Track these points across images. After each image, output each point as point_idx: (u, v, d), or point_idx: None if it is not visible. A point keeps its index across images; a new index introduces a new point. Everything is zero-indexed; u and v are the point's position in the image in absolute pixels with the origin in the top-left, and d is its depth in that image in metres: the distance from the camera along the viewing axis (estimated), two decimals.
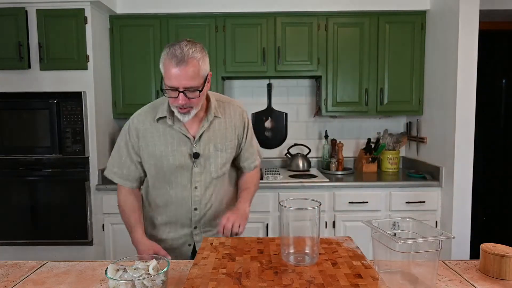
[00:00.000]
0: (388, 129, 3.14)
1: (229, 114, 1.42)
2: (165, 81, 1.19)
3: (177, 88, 1.18)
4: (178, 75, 1.16)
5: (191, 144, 1.34)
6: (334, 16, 2.81)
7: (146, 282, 0.81)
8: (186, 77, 1.16)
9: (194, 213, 1.40)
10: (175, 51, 1.16)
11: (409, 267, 0.86)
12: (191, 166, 1.36)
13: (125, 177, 1.42)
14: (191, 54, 1.16)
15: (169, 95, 1.20)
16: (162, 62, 1.20)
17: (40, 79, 2.54)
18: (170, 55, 1.16)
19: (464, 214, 2.44)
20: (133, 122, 1.38)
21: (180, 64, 1.15)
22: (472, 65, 2.36)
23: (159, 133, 1.34)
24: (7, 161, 2.54)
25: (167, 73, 1.17)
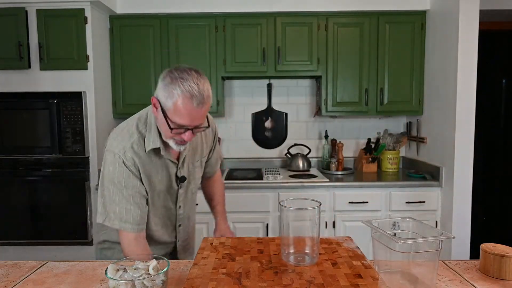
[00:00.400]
0: (388, 129, 3.14)
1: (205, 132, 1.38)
2: (173, 116, 1.06)
3: (187, 128, 1.09)
4: (194, 117, 1.06)
5: (176, 168, 1.29)
6: (334, 16, 2.81)
7: (146, 282, 0.81)
8: (201, 117, 1.09)
9: (178, 230, 1.40)
10: (192, 89, 1.03)
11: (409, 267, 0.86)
12: (176, 189, 1.33)
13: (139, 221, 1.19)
14: (207, 92, 1.07)
15: (174, 132, 1.09)
16: (174, 96, 1.04)
17: (40, 79, 2.54)
18: (186, 93, 1.03)
19: (464, 214, 2.44)
20: (126, 157, 1.17)
21: (200, 106, 1.05)
22: (472, 65, 2.36)
23: (150, 163, 1.22)
24: (7, 161, 2.54)
25: (181, 111, 1.04)
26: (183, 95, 1.03)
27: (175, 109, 1.05)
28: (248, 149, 3.25)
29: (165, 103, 1.07)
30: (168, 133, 1.12)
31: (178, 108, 1.05)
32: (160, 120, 1.12)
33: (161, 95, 1.08)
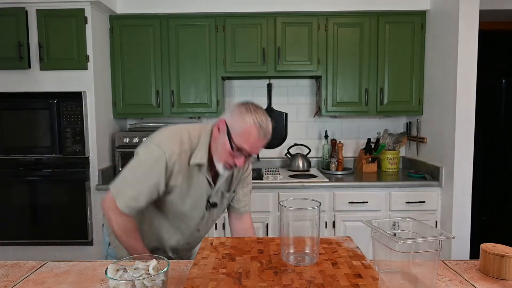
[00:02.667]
0: (388, 129, 3.14)
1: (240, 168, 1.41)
2: (239, 141, 1.17)
3: (246, 152, 1.19)
4: (256, 145, 1.19)
5: (210, 191, 1.32)
6: (334, 16, 2.81)
7: (146, 282, 0.81)
8: (259, 148, 1.21)
9: (185, 246, 1.42)
10: (262, 122, 1.17)
11: (409, 267, 0.86)
12: (203, 212, 1.34)
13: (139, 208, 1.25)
14: (270, 129, 1.21)
15: (233, 153, 1.19)
16: (246, 124, 1.16)
17: (40, 79, 2.54)
18: (257, 124, 1.16)
19: (464, 214, 2.44)
20: (171, 159, 1.20)
21: (264, 138, 1.19)
22: (472, 65, 2.36)
23: (189, 175, 1.26)
24: (7, 161, 2.54)
25: (250, 138, 1.16)
26: (254, 125, 1.16)
27: (243, 133, 1.17)
28: None
29: (234, 127, 1.18)
30: (225, 154, 1.20)
31: (246, 133, 1.17)
32: (222, 141, 1.21)
33: (232, 119, 1.20)
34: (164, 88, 2.85)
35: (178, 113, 2.88)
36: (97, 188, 2.58)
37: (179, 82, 2.85)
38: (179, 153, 1.22)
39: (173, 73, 2.84)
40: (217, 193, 1.35)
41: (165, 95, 2.85)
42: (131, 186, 1.21)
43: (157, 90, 2.85)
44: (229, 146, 1.17)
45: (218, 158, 1.23)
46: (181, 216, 1.33)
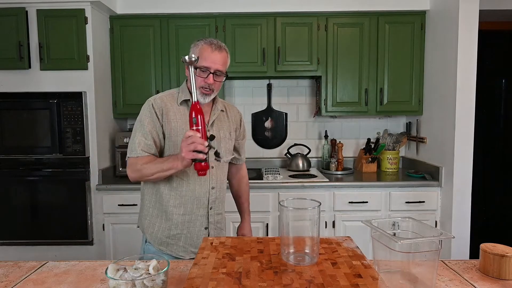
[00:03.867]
0: (388, 129, 3.14)
1: (229, 110, 1.62)
2: (200, 62, 1.37)
3: (208, 69, 1.38)
4: (214, 58, 1.39)
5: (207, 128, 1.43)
6: (334, 16, 2.81)
7: (146, 282, 0.81)
8: (219, 61, 1.40)
9: (211, 192, 1.49)
10: (212, 41, 1.42)
11: (409, 267, 0.86)
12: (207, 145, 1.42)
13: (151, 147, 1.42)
14: (224, 47, 1.46)
15: (199, 74, 1.38)
16: (198, 47, 1.41)
17: (40, 79, 2.54)
18: (207, 42, 1.41)
19: (464, 214, 2.44)
20: (155, 101, 1.44)
21: (217, 50, 1.40)
22: (472, 65, 2.36)
23: (180, 114, 1.45)
24: (8, 161, 2.54)
25: (204, 55, 1.38)
26: (204, 43, 1.42)
27: (200, 55, 1.37)
28: (248, 149, 3.24)
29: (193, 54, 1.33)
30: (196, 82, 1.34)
31: (200, 52, 1.39)
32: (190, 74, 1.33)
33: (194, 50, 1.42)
34: (164, 88, 2.85)
35: None
36: (97, 188, 2.58)
37: (179, 82, 2.85)
38: (162, 96, 1.47)
39: (173, 73, 2.84)
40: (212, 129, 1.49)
41: None
42: (136, 136, 1.42)
43: (157, 90, 2.85)
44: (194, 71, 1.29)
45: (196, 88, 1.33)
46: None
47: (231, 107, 1.66)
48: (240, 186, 1.79)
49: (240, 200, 1.79)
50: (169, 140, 1.45)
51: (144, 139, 1.41)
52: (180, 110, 1.46)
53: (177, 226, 1.46)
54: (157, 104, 1.44)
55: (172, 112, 1.45)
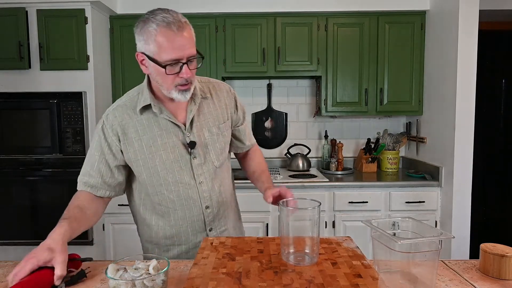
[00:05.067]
0: (387, 129, 3.14)
1: (215, 93, 1.26)
2: (162, 55, 1.02)
3: (179, 60, 1.03)
4: (181, 43, 1.01)
5: (183, 133, 1.17)
6: (334, 16, 2.81)
7: (146, 282, 0.81)
8: (189, 44, 1.03)
9: (206, 213, 1.23)
10: (167, 18, 1.01)
11: (409, 267, 0.86)
12: (189, 159, 1.18)
13: (97, 185, 1.19)
14: (182, 19, 1.06)
15: (169, 71, 1.03)
16: (151, 34, 1.02)
17: (40, 79, 2.54)
18: (162, 23, 1.01)
19: (464, 214, 2.44)
20: (107, 119, 1.16)
21: (181, 30, 1.02)
22: (472, 65, 2.36)
23: (143, 126, 1.15)
24: (8, 161, 2.54)
25: (165, 43, 1.01)
26: (159, 26, 1.01)
27: (159, 46, 1.01)
28: None
29: (149, 49, 1.04)
30: (166, 79, 1.06)
31: (160, 42, 1.01)
32: (154, 72, 1.07)
33: (141, 44, 1.07)
34: None
35: None
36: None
37: None
38: (118, 107, 1.17)
39: None
40: (191, 131, 1.18)
41: None
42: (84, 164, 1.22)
43: None
44: (162, 69, 1.03)
45: (166, 88, 1.08)
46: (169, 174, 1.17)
47: (217, 88, 1.28)
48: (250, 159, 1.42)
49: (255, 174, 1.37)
50: (137, 166, 1.16)
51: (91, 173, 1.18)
52: (143, 121, 1.15)
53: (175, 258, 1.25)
54: (109, 123, 1.14)
55: (132, 128, 1.14)
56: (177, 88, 1.08)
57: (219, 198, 1.26)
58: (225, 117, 1.26)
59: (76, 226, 1.06)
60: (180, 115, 1.19)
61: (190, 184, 1.20)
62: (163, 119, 1.16)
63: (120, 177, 1.20)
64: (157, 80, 1.09)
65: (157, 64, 1.04)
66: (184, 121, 1.18)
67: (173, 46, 1.01)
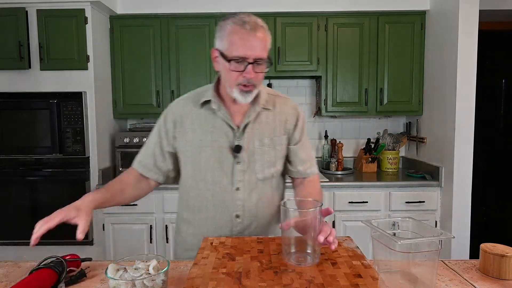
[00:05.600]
0: (387, 129, 3.14)
1: (279, 107, 1.23)
2: (231, 51, 1.05)
3: (246, 59, 1.05)
4: (251, 43, 1.04)
5: (233, 136, 1.17)
6: (334, 16, 2.81)
7: (146, 282, 0.81)
8: (258, 46, 1.05)
9: (235, 222, 1.19)
10: (243, 18, 1.06)
11: (409, 267, 0.86)
12: (232, 162, 1.17)
13: (149, 167, 1.25)
14: (260, 23, 1.08)
15: (233, 68, 1.06)
16: (225, 31, 1.07)
17: (40, 79, 2.54)
18: (238, 21, 1.05)
19: (464, 214, 2.44)
20: (171, 108, 1.24)
21: (254, 31, 1.04)
22: (472, 65, 2.36)
23: (200, 120, 1.19)
24: (8, 161, 2.54)
25: (236, 41, 1.04)
26: (234, 25, 1.06)
27: (230, 42, 1.05)
28: None
29: (222, 45, 1.08)
30: (230, 76, 1.08)
31: (231, 39, 1.05)
32: (222, 68, 1.10)
33: (217, 41, 1.11)
34: (164, 88, 2.85)
35: None
36: (97, 188, 2.58)
37: (179, 82, 2.85)
38: (182, 99, 1.25)
39: (173, 73, 2.84)
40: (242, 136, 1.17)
41: (165, 95, 2.86)
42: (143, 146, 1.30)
43: (157, 90, 2.85)
44: (227, 64, 1.06)
45: (229, 85, 1.11)
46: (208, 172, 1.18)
47: (283, 102, 1.25)
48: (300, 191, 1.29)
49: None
50: (184, 156, 1.20)
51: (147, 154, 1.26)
52: (201, 115, 1.19)
53: None
54: (171, 110, 1.23)
55: (189, 120, 1.20)
56: (239, 87, 1.09)
57: (253, 211, 1.20)
58: (281, 131, 1.23)
59: (109, 198, 1.17)
60: (237, 118, 1.19)
61: (227, 188, 1.19)
62: (219, 118, 1.19)
63: (170, 164, 1.26)
64: (224, 76, 1.13)
65: (225, 59, 1.07)
66: (239, 125, 1.19)
67: (242, 44, 1.04)
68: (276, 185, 1.27)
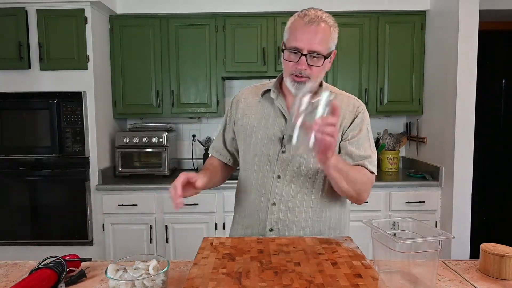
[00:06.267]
0: (388, 129, 3.14)
1: (340, 103, 1.20)
2: (289, 42, 1.10)
3: (300, 50, 1.07)
4: (306, 35, 1.06)
5: (285, 126, 1.18)
6: (334, 16, 2.79)
7: (146, 282, 0.81)
8: (314, 39, 1.07)
9: (271, 209, 1.20)
10: (309, 12, 1.11)
11: (409, 267, 0.86)
12: (278, 151, 1.19)
13: (220, 150, 1.35)
14: (324, 17, 1.12)
15: (288, 57, 1.10)
16: (290, 22, 1.13)
17: (40, 79, 2.54)
18: (301, 14, 1.10)
19: (464, 214, 2.44)
20: (237, 95, 1.33)
21: (311, 23, 1.07)
22: (472, 65, 2.36)
23: (257, 107, 1.25)
24: (7, 161, 2.54)
25: (294, 32, 1.09)
26: (297, 17, 1.11)
27: (289, 33, 1.11)
28: None
29: (285, 36, 1.14)
30: (286, 67, 1.12)
31: (290, 30, 1.10)
32: (282, 58, 1.14)
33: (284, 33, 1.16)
34: (164, 88, 2.85)
35: (178, 113, 2.88)
36: (97, 188, 2.58)
37: (179, 82, 2.85)
38: (249, 88, 1.32)
39: (173, 73, 2.84)
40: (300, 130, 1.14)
41: (165, 95, 2.85)
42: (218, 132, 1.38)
43: (157, 90, 2.85)
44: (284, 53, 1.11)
45: (284, 75, 1.15)
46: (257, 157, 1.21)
47: (345, 100, 1.24)
48: None
49: None
50: (239, 139, 1.28)
51: (217, 139, 1.36)
52: (259, 103, 1.25)
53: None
54: (237, 97, 1.31)
55: (248, 106, 1.27)
56: (292, 77, 1.11)
57: (291, 202, 1.19)
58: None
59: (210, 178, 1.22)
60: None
61: (269, 174, 1.21)
62: (276, 107, 1.22)
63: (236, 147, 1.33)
64: (282, 66, 1.16)
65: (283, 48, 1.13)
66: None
67: (296, 35, 1.08)
68: (321, 185, 1.23)
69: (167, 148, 2.78)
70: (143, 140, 2.76)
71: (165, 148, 2.78)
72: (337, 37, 1.17)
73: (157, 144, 2.77)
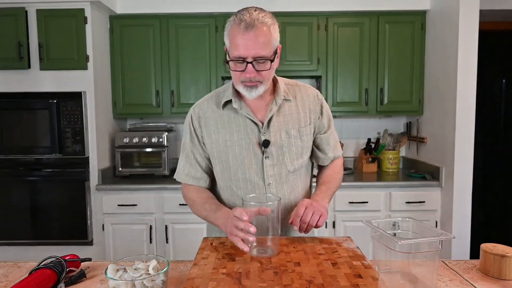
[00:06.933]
0: (388, 129, 3.14)
1: (300, 96, 1.23)
2: (231, 51, 1.06)
3: (244, 59, 1.05)
4: (246, 42, 1.03)
5: (259, 132, 1.17)
6: (334, 16, 2.81)
7: (146, 282, 0.80)
8: (256, 45, 1.04)
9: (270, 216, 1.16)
10: (243, 16, 1.05)
11: (409, 267, 0.86)
12: (261, 158, 1.17)
13: (198, 176, 1.24)
14: (261, 18, 1.06)
15: (234, 67, 1.07)
16: (227, 30, 1.09)
17: (40, 79, 2.54)
18: (237, 20, 1.06)
19: (464, 214, 2.44)
20: (194, 111, 1.23)
21: (249, 29, 1.03)
22: (472, 65, 2.36)
23: (223, 121, 1.19)
24: (7, 161, 2.54)
25: (234, 41, 1.05)
26: (233, 24, 1.07)
27: (230, 42, 1.07)
28: None
29: (227, 43, 1.10)
30: (234, 76, 1.10)
31: (230, 38, 1.06)
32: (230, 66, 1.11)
33: (225, 40, 1.11)
34: (164, 88, 2.85)
35: (178, 113, 2.88)
36: (97, 188, 2.58)
37: (179, 82, 2.85)
38: (202, 102, 1.24)
39: (173, 73, 2.84)
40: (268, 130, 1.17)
41: (165, 95, 2.85)
42: (180, 157, 1.26)
43: (157, 90, 2.85)
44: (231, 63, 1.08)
45: (235, 82, 1.13)
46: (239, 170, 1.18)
47: (304, 91, 1.25)
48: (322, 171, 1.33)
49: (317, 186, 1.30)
50: (213, 158, 1.21)
51: (188, 164, 1.23)
52: (223, 115, 1.19)
53: None
54: (195, 115, 1.22)
55: (213, 121, 1.19)
56: (243, 84, 1.10)
57: (287, 204, 1.22)
58: (307, 121, 1.22)
59: None
60: (260, 114, 1.19)
61: (258, 184, 1.19)
62: (243, 116, 1.18)
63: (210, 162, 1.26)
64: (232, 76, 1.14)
65: (228, 58, 1.09)
66: (263, 120, 1.18)
67: (237, 44, 1.05)
68: (305, 174, 1.28)
69: (167, 148, 2.78)
70: (143, 140, 2.76)
71: (165, 148, 2.78)
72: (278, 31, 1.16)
73: (157, 144, 2.77)
